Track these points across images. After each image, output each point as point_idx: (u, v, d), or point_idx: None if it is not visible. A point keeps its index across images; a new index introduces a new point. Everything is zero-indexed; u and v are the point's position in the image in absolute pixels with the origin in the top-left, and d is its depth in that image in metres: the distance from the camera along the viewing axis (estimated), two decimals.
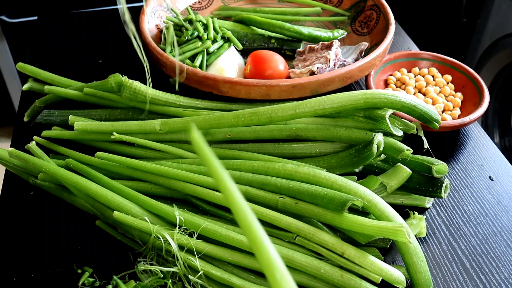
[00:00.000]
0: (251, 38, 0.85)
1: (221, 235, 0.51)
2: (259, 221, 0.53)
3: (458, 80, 0.77)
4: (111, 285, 0.52)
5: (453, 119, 0.71)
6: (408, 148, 0.56)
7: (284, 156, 0.61)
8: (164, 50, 0.75)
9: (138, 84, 0.66)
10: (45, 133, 0.67)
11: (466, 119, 0.67)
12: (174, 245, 0.50)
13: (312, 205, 0.51)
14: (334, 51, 0.76)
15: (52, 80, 0.75)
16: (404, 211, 0.57)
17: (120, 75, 0.67)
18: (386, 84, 0.79)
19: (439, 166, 0.56)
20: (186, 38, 0.80)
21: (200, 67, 0.77)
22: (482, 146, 0.71)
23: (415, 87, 0.77)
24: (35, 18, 1.04)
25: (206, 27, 0.82)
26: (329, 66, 0.73)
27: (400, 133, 0.59)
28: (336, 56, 0.75)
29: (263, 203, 0.54)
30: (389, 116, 0.57)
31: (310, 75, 0.72)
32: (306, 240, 0.50)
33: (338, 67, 0.75)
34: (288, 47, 0.85)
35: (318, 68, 0.72)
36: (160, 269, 0.51)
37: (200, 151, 0.28)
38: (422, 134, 0.61)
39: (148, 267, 0.51)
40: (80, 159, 0.61)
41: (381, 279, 0.48)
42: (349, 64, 0.76)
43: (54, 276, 0.54)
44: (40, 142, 0.66)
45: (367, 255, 0.48)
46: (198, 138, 0.27)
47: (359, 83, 0.82)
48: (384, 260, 0.50)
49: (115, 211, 0.53)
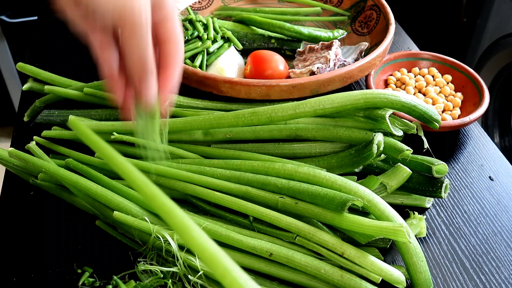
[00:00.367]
0: (251, 38, 0.85)
1: (221, 235, 0.51)
2: (259, 221, 0.54)
3: (458, 80, 0.77)
4: (111, 285, 0.52)
5: (453, 119, 0.71)
6: (408, 148, 0.56)
7: (284, 156, 0.61)
8: None
9: None
10: (45, 133, 0.67)
11: (466, 119, 0.67)
12: (174, 245, 0.50)
13: (312, 205, 0.51)
14: (334, 51, 0.76)
15: (52, 80, 0.75)
16: (404, 211, 0.57)
17: None
18: (386, 84, 0.79)
19: (439, 166, 0.56)
20: (186, 38, 0.80)
21: (200, 67, 0.77)
22: (482, 146, 0.71)
23: (415, 87, 0.77)
24: (35, 18, 1.04)
25: (206, 27, 0.82)
26: (329, 66, 0.73)
27: (400, 133, 0.59)
28: (336, 56, 0.75)
29: (263, 203, 0.54)
30: (389, 116, 0.57)
31: (310, 75, 0.72)
32: (306, 240, 0.50)
33: (338, 67, 0.75)
34: (288, 47, 0.85)
35: (318, 68, 0.72)
36: (160, 269, 0.51)
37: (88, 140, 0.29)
38: (422, 134, 0.61)
39: (148, 267, 0.51)
40: (80, 159, 0.61)
41: (381, 279, 0.48)
42: (349, 64, 0.76)
43: (54, 276, 0.53)
44: (40, 142, 0.66)
45: (367, 255, 0.48)
46: (79, 125, 0.29)
47: (359, 83, 0.82)
48: (384, 260, 0.50)
49: (115, 211, 0.53)
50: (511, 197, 0.63)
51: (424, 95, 0.76)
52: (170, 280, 0.50)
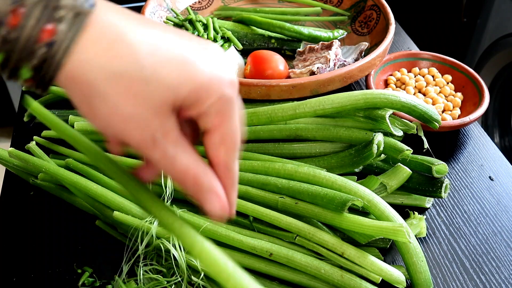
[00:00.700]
0: (251, 38, 0.85)
1: (221, 235, 0.51)
2: (259, 221, 0.54)
3: (458, 80, 0.77)
4: (111, 285, 0.52)
5: (453, 119, 0.71)
6: (408, 148, 0.56)
7: (284, 156, 0.61)
8: None
9: None
10: (45, 133, 0.67)
11: (466, 119, 0.67)
12: (176, 253, 0.50)
13: (312, 205, 0.51)
14: (334, 51, 0.76)
15: None
16: (404, 211, 0.57)
17: None
18: (386, 84, 0.79)
19: (439, 166, 0.56)
20: None
21: None
22: (482, 146, 0.71)
23: (415, 87, 0.77)
24: None
25: (206, 27, 0.82)
26: (329, 66, 0.73)
27: (400, 133, 0.59)
28: (336, 56, 0.75)
29: (263, 203, 0.54)
30: (389, 116, 0.57)
31: (310, 75, 0.72)
32: (306, 240, 0.50)
33: (338, 67, 0.75)
34: (288, 47, 0.85)
35: (318, 68, 0.72)
36: (160, 269, 0.51)
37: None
38: (422, 134, 0.61)
39: (149, 268, 0.51)
40: (80, 159, 0.61)
41: (381, 279, 0.48)
42: (349, 64, 0.75)
43: (54, 276, 0.53)
44: (40, 142, 0.66)
45: (367, 255, 0.48)
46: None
47: (359, 83, 0.82)
48: (384, 260, 0.50)
49: (115, 211, 0.53)
50: (511, 197, 0.63)
51: (424, 95, 0.76)
52: (172, 283, 0.50)
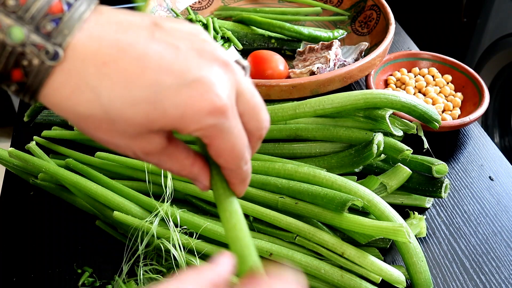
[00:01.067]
0: (251, 38, 0.85)
1: (221, 235, 0.51)
2: (259, 221, 0.54)
3: (458, 80, 0.77)
4: (111, 285, 0.52)
5: (453, 119, 0.71)
6: (408, 148, 0.56)
7: (284, 156, 0.61)
8: None
9: None
10: (45, 133, 0.67)
11: (466, 119, 0.67)
12: (174, 252, 0.50)
13: (312, 205, 0.51)
14: (334, 51, 0.76)
15: None
16: (404, 211, 0.57)
17: None
18: (386, 84, 0.79)
19: (439, 166, 0.56)
20: None
21: None
22: (482, 146, 0.71)
23: (415, 87, 0.77)
24: None
25: (206, 27, 0.82)
26: (329, 66, 0.73)
27: (400, 133, 0.59)
28: (336, 56, 0.75)
29: (263, 203, 0.54)
30: (389, 116, 0.57)
31: (310, 75, 0.72)
32: (306, 240, 0.50)
33: (338, 67, 0.74)
34: (288, 47, 0.85)
35: (318, 68, 0.72)
36: (160, 269, 0.51)
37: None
38: (422, 134, 0.61)
39: (149, 268, 0.51)
40: (80, 159, 0.61)
41: (381, 279, 0.48)
42: (349, 64, 0.75)
43: (54, 276, 0.53)
44: (40, 142, 0.66)
45: (367, 255, 0.48)
46: None
47: (359, 83, 0.82)
48: (384, 260, 0.50)
49: (115, 211, 0.53)
50: (511, 197, 0.63)
51: (424, 95, 0.76)
52: None
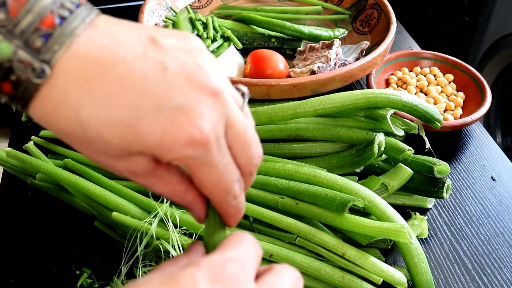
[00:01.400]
0: (251, 37, 0.85)
1: None
2: (259, 222, 0.53)
3: (460, 79, 0.77)
4: (110, 286, 0.51)
5: (455, 119, 0.71)
6: (410, 148, 0.56)
7: (284, 156, 0.61)
8: None
9: None
10: (43, 133, 0.67)
11: (468, 119, 0.67)
12: (172, 250, 0.50)
13: (312, 205, 0.51)
14: (334, 50, 0.75)
15: None
16: (406, 212, 0.57)
17: None
18: (387, 83, 0.78)
19: (440, 166, 0.56)
20: None
21: None
22: (484, 146, 0.70)
23: (417, 86, 0.76)
24: None
25: (205, 26, 0.81)
26: (329, 66, 0.73)
27: (402, 133, 0.59)
28: (336, 55, 0.75)
29: (263, 203, 0.54)
30: (390, 116, 0.57)
31: (311, 74, 0.72)
32: (307, 241, 0.50)
33: (339, 67, 0.74)
34: (289, 46, 0.84)
35: (318, 67, 0.72)
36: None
37: None
38: (423, 134, 0.61)
39: (148, 268, 0.51)
40: (79, 159, 0.61)
41: (382, 280, 0.47)
42: (350, 63, 0.75)
43: (52, 277, 0.53)
44: (38, 142, 0.65)
45: (368, 256, 0.48)
46: None
47: (360, 82, 0.82)
48: (385, 261, 0.49)
49: (113, 212, 0.53)
50: None
51: (426, 94, 0.75)
52: None
